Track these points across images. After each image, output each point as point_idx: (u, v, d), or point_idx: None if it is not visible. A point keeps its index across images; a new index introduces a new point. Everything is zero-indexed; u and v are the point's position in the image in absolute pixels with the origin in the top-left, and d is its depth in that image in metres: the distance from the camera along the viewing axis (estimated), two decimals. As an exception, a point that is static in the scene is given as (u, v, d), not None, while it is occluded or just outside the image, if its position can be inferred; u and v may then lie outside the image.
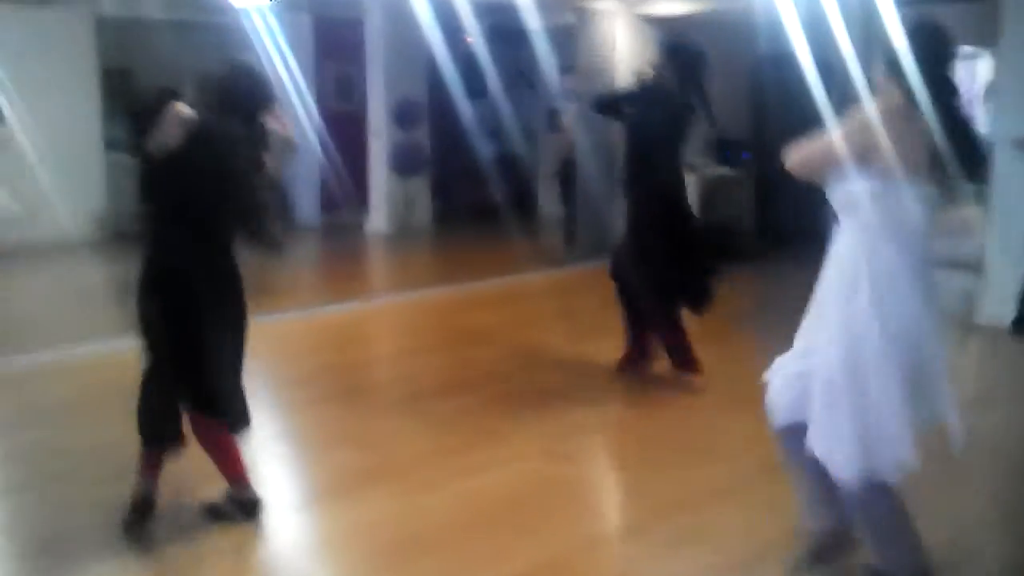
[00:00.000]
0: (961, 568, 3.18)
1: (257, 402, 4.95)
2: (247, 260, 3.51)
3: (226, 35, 8.18)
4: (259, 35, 7.63)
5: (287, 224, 11.10)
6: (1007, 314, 6.14)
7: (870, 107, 2.76)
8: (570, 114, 9.07)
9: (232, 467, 3.52)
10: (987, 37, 6.63)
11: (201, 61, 3.52)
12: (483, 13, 7.33)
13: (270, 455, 4.22)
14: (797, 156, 2.92)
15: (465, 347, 6.18)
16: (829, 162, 2.80)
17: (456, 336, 6.57)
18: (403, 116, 10.84)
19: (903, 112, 2.73)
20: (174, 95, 3.32)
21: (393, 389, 5.43)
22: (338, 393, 5.16)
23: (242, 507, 3.51)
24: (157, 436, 3.43)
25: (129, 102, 9.59)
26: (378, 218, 10.85)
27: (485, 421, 4.65)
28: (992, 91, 7.59)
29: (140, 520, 3.40)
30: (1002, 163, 6.22)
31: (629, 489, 4.08)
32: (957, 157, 2.71)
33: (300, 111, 10.17)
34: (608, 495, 3.96)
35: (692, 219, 5.38)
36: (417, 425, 4.61)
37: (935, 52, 2.77)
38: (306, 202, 11.56)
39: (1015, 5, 6.14)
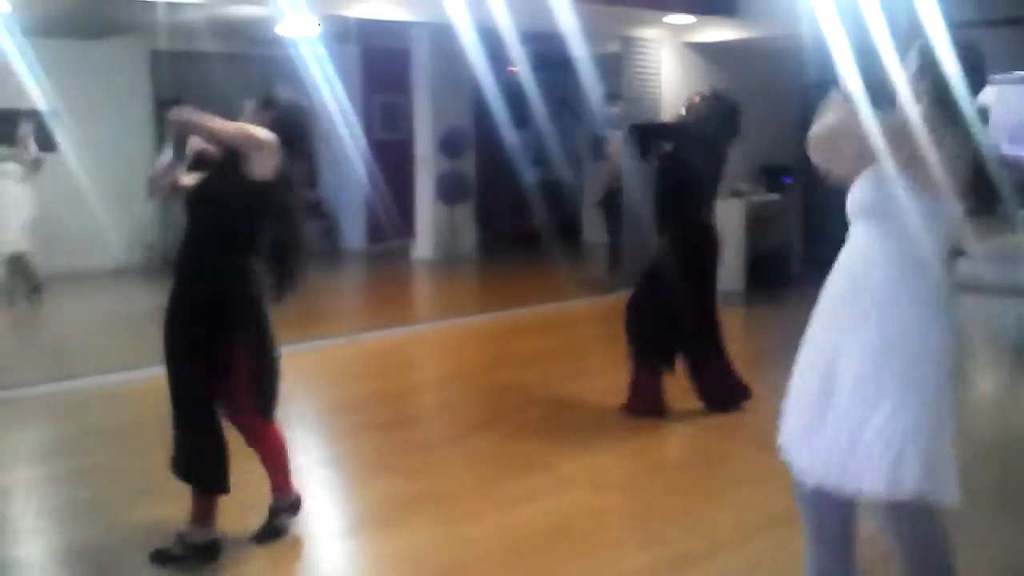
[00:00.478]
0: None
1: (303, 427, 5.01)
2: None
3: (276, 66, 8.34)
4: (308, 66, 7.74)
5: (333, 250, 11.24)
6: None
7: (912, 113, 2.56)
8: (616, 142, 9.07)
9: (283, 470, 3.55)
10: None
11: (251, 92, 3.57)
12: (528, 42, 7.37)
13: (315, 481, 4.22)
14: (822, 131, 2.66)
15: (509, 374, 6.17)
16: (860, 150, 2.55)
17: (500, 363, 6.56)
18: (449, 145, 10.93)
19: (939, 126, 2.53)
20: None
21: (437, 416, 5.43)
22: (383, 420, 5.16)
23: (292, 509, 3.57)
24: (217, 479, 3.40)
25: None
26: (424, 245, 10.92)
27: (530, 450, 4.62)
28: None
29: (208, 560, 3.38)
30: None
31: (680, 519, 4.01)
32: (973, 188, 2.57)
33: (348, 140, 10.34)
34: (658, 525, 3.88)
35: (711, 279, 5.15)
36: (461, 453, 4.60)
37: (970, 76, 2.62)
38: (353, 229, 11.67)
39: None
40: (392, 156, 10.64)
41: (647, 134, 5.39)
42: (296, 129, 3.43)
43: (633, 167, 8.84)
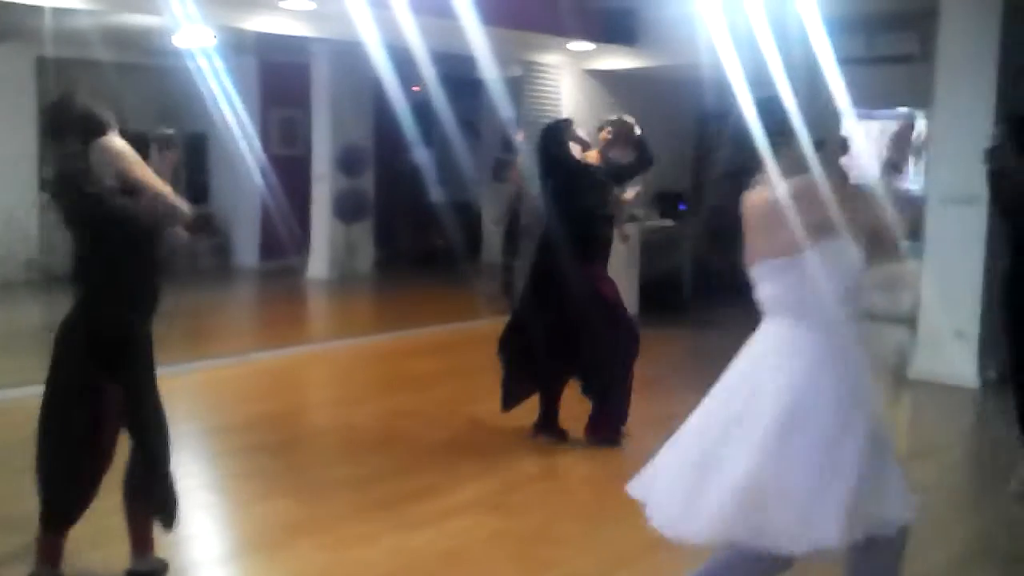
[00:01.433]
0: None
1: (187, 449, 4.81)
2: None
3: (170, 77, 8.09)
4: (204, 77, 7.54)
5: (225, 267, 10.92)
6: (939, 368, 6.22)
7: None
8: (518, 164, 9.10)
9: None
10: (922, 97, 6.81)
11: (145, 103, 3.41)
12: (432, 62, 7.34)
13: (197, 505, 4.04)
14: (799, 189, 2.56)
15: (405, 396, 6.07)
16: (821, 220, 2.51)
17: (394, 384, 6.46)
18: (348, 162, 10.79)
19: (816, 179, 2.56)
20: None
21: (328, 438, 5.28)
22: (272, 442, 4.99)
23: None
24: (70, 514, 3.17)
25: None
26: (319, 263, 10.71)
27: (423, 472, 4.53)
28: (923, 149, 7.80)
29: None
30: (935, 220, 6.37)
31: (574, 542, 3.99)
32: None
33: (244, 154, 10.10)
34: (551, 548, 3.85)
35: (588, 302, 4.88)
36: (353, 477, 4.47)
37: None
38: (246, 246, 11.39)
39: (947, 68, 6.33)
40: (289, 172, 10.43)
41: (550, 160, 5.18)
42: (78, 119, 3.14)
43: (534, 190, 8.90)
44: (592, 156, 5.00)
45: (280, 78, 11.23)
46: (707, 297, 9.27)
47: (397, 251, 11.88)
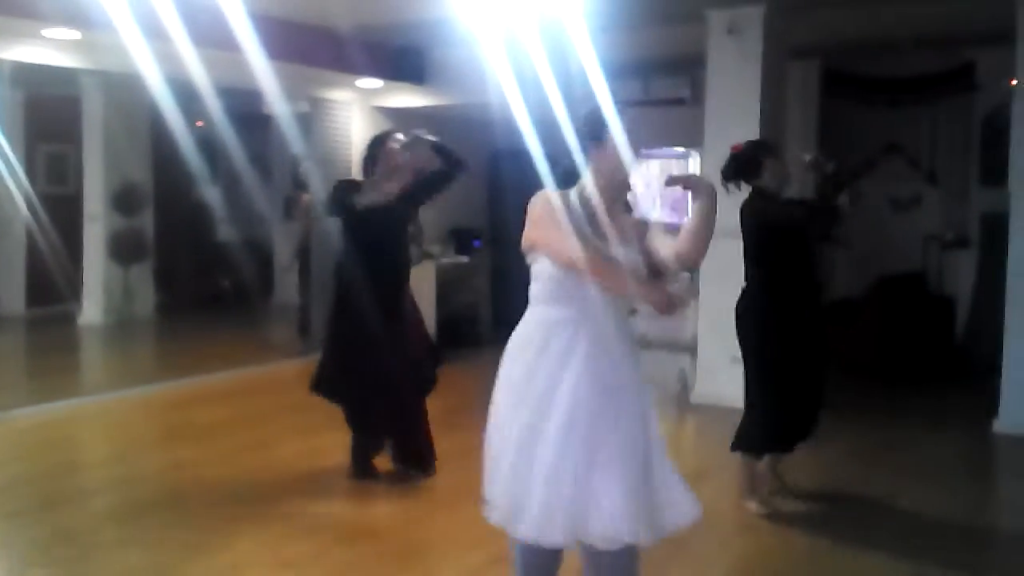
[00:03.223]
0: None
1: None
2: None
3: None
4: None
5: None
6: (718, 392, 6.54)
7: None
8: (306, 201, 8.89)
9: None
10: (694, 138, 7.22)
11: None
12: (217, 96, 7.06)
13: None
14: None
15: (185, 448, 5.70)
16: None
17: (175, 436, 6.08)
18: (124, 201, 10.17)
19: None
20: None
21: (99, 498, 4.86)
22: (33, 506, 4.55)
23: None
24: None
25: None
26: (93, 309, 9.99)
27: (203, 529, 4.25)
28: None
29: None
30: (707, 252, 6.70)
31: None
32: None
33: (8, 192, 9.31)
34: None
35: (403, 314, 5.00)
36: (126, 538, 4.14)
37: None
38: (10, 291, 10.49)
39: (714, 111, 6.74)
40: (59, 211, 9.72)
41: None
42: None
43: (323, 227, 8.72)
44: (393, 187, 4.94)
45: (48, 111, 10.48)
46: (504, 330, 9.39)
47: (181, 293, 11.27)
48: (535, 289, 2.88)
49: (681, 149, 9.37)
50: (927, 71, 8.44)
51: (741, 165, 4.63)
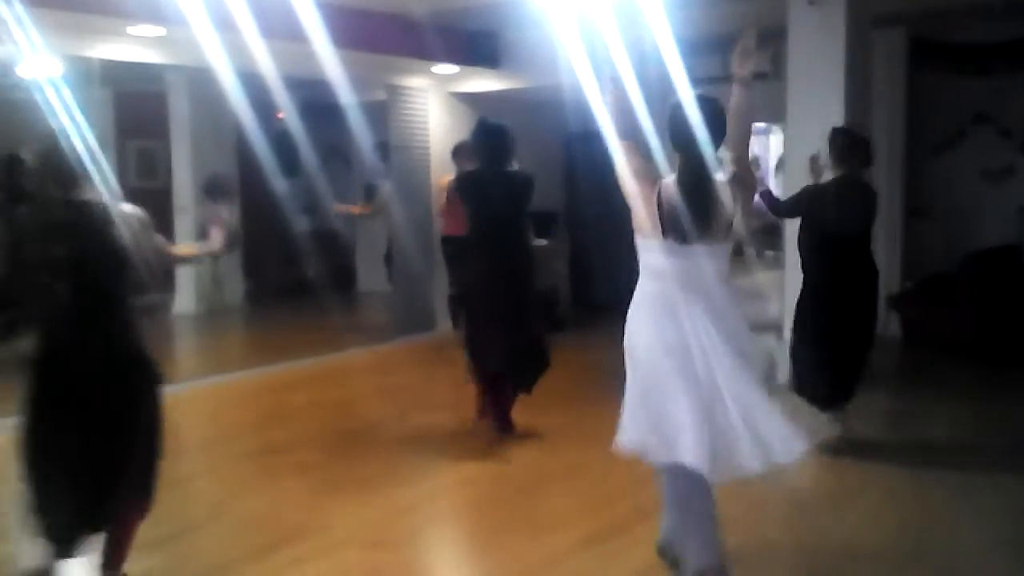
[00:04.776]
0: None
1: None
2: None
3: (16, 110, 7.65)
4: (53, 109, 7.16)
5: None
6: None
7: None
8: (385, 190, 9.00)
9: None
10: (777, 113, 7.07)
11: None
12: (296, 88, 7.20)
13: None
14: None
15: (277, 431, 5.87)
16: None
17: (268, 421, 6.25)
18: (212, 192, 10.44)
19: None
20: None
21: (199, 481, 5.03)
22: None
23: None
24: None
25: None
26: (185, 298, 10.32)
27: (302, 511, 4.38)
28: (782, 163, 8.08)
29: None
30: (794, 229, 6.58)
31: (460, 570, 3.92)
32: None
33: (102, 188, 9.63)
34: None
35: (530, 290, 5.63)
36: (227, 520, 4.29)
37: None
38: (107, 284, 10.87)
39: (797, 86, 6.58)
40: (150, 205, 9.97)
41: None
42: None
43: (403, 216, 8.82)
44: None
45: (137, 108, 10.79)
46: (584, 313, 9.37)
47: (267, 282, 11.56)
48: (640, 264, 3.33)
49: (762, 124, 9.19)
50: (1018, 36, 8.10)
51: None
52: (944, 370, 7.33)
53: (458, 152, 7.78)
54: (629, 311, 3.31)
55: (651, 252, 3.25)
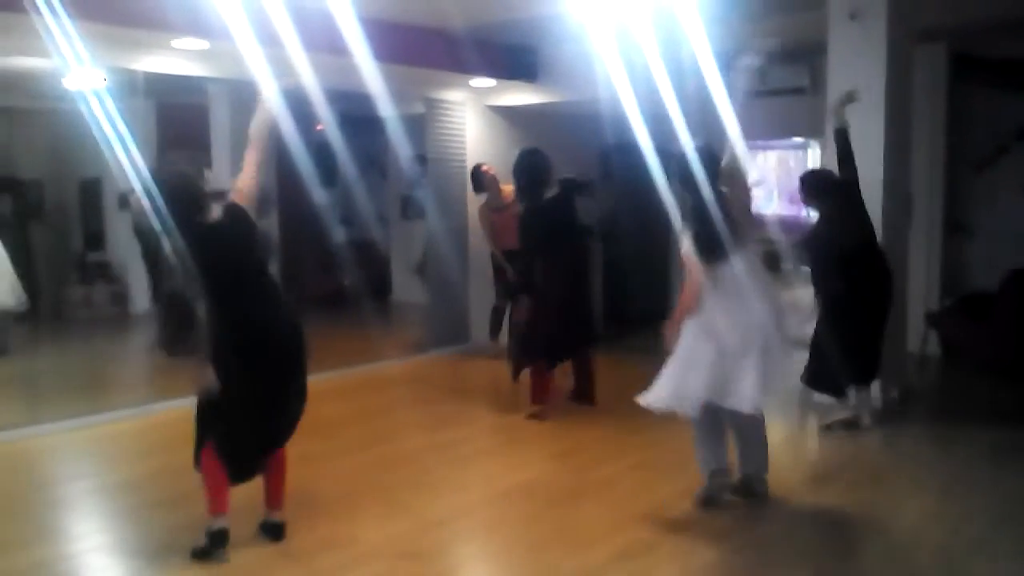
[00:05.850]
0: None
1: (78, 510, 4.59)
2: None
3: (61, 121, 7.80)
4: (97, 121, 7.30)
5: (122, 316, 10.56)
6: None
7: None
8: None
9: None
10: (815, 128, 7.01)
11: (35, 148, 3.30)
12: (334, 101, 7.27)
13: (93, 570, 3.83)
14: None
15: (310, 441, 5.87)
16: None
17: (301, 429, 6.17)
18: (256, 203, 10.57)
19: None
20: None
21: (232, 491, 5.07)
22: (174, 496, 4.78)
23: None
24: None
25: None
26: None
27: (329, 523, 4.40)
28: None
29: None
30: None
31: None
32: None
33: (146, 201, 9.77)
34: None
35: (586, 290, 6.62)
36: (257, 532, 4.31)
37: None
38: (144, 293, 11.03)
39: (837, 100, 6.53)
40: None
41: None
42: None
43: (440, 227, 8.87)
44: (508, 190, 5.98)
45: (178, 120, 10.94)
46: (617, 327, 9.34)
47: (305, 293, 11.65)
48: None
49: (800, 139, 9.14)
50: (1062, 52, 7.99)
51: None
52: (983, 390, 7.21)
53: (475, 178, 8.03)
54: None
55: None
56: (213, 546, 3.91)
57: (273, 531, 4.17)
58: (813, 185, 5.89)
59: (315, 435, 6.03)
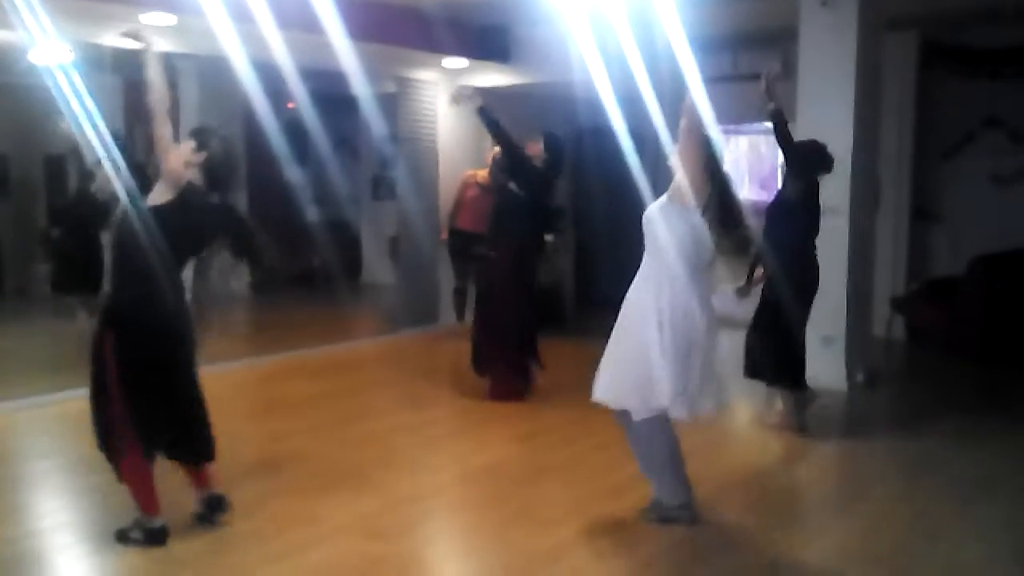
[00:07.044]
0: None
1: (42, 488, 4.55)
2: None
3: (27, 96, 7.67)
4: (64, 95, 7.18)
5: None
6: (809, 373, 6.41)
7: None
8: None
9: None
10: (788, 112, 7.03)
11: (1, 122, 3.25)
12: (306, 78, 7.20)
13: (53, 549, 3.80)
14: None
15: (279, 420, 5.89)
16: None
17: (270, 409, 6.27)
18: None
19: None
20: None
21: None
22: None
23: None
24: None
25: None
26: (188, 286, 10.31)
27: (297, 500, 4.39)
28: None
29: None
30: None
31: (455, 562, 3.93)
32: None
33: (113, 176, 9.64)
34: (433, 569, 3.79)
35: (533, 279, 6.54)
36: (199, 517, 4.27)
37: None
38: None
39: (807, 87, 6.57)
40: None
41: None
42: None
43: (413, 207, 8.84)
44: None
45: (146, 95, 10.80)
46: (588, 309, 9.37)
47: (273, 271, 11.56)
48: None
49: (771, 125, 9.17)
50: (1030, 41, 8.08)
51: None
52: (947, 374, 7.32)
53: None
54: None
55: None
56: (154, 543, 3.85)
57: (216, 504, 4.06)
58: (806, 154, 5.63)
59: (284, 414, 6.04)
